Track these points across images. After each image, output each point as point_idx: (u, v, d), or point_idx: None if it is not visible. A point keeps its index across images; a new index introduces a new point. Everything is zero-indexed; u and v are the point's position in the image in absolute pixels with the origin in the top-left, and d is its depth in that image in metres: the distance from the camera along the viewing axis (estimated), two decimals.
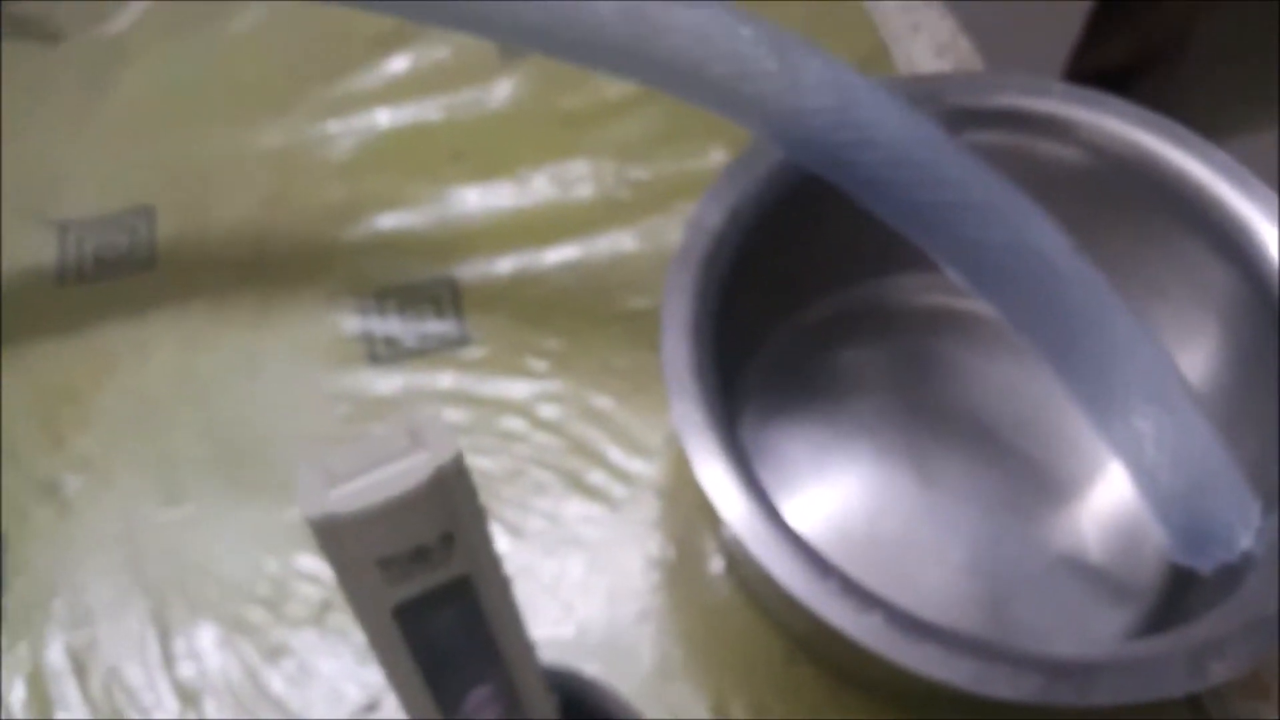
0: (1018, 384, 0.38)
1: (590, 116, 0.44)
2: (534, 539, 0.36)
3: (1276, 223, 0.33)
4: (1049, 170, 0.36)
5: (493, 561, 0.23)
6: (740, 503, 0.28)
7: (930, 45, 0.47)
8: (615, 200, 0.43)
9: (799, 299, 0.39)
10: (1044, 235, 0.31)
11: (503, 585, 0.23)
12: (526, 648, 0.23)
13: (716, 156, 0.43)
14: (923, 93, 0.35)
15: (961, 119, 0.35)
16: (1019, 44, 0.95)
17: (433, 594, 0.21)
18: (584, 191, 0.43)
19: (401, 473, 0.19)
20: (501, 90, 0.45)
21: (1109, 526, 0.36)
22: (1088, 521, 0.36)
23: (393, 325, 0.40)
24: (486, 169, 0.43)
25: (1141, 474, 0.32)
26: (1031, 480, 0.37)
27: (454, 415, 0.38)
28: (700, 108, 0.32)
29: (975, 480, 0.37)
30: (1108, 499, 0.37)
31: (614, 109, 0.44)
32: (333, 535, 0.19)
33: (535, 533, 0.36)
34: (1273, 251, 0.33)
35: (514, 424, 0.37)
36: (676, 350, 0.30)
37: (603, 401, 0.38)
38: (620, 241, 0.41)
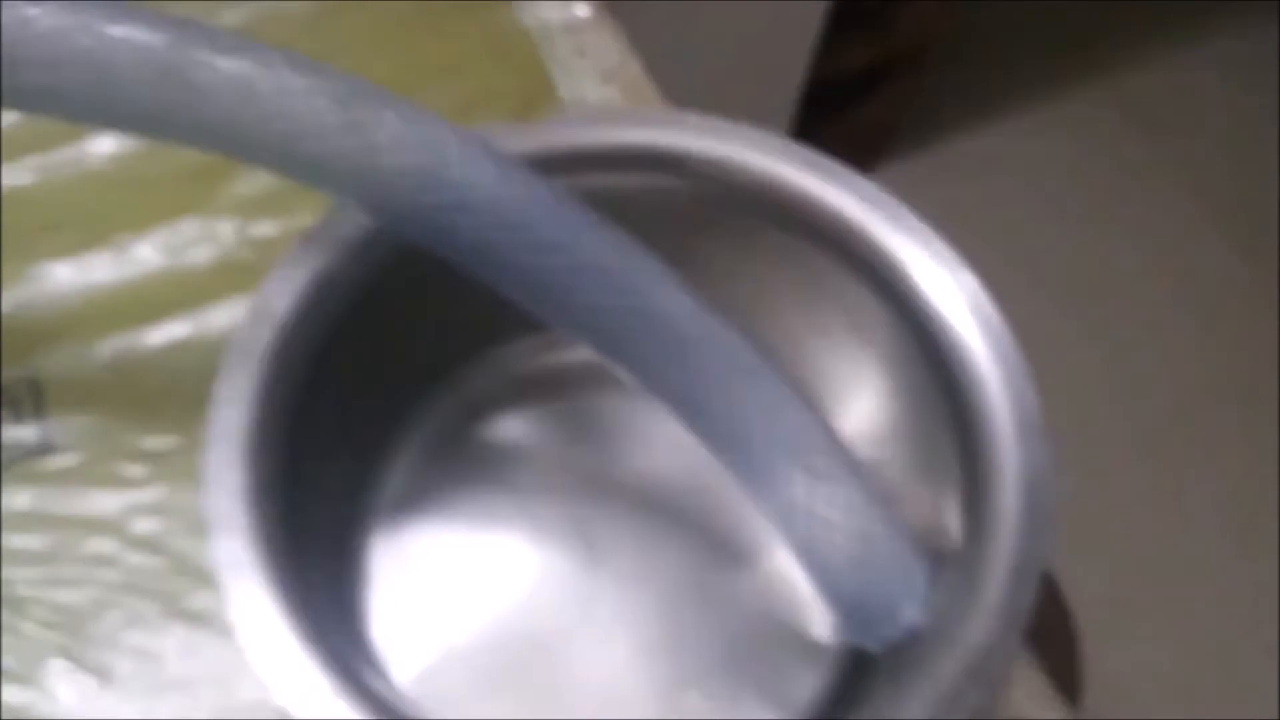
0: (691, 443, 0.35)
1: (207, 171, 0.39)
2: (125, 682, 0.30)
3: (925, 256, 0.30)
4: (691, 213, 0.32)
5: None
6: (288, 659, 0.23)
7: (596, 71, 0.44)
8: (236, 264, 0.38)
9: (437, 373, 0.34)
10: (666, 296, 0.28)
11: None
12: None
13: None
14: (537, 138, 0.31)
15: (585, 162, 0.31)
16: (750, 53, 0.94)
17: None
18: (199, 256, 0.38)
19: None
20: (103, 146, 0.39)
21: (795, 585, 0.33)
22: (772, 583, 0.33)
23: None
24: (83, 240, 0.38)
25: (797, 547, 0.29)
26: (709, 548, 0.34)
27: (29, 542, 0.32)
28: (274, 174, 0.28)
29: (647, 555, 0.33)
30: (790, 559, 0.34)
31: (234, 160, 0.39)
32: None
33: (127, 675, 0.30)
34: (924, 288, 0.30)
35: (103, 545, 0.32)
36: (221, 476, 0.25)
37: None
38: (240, 311, 0.36)
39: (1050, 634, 0.96)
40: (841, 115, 1.17)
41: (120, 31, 0.25)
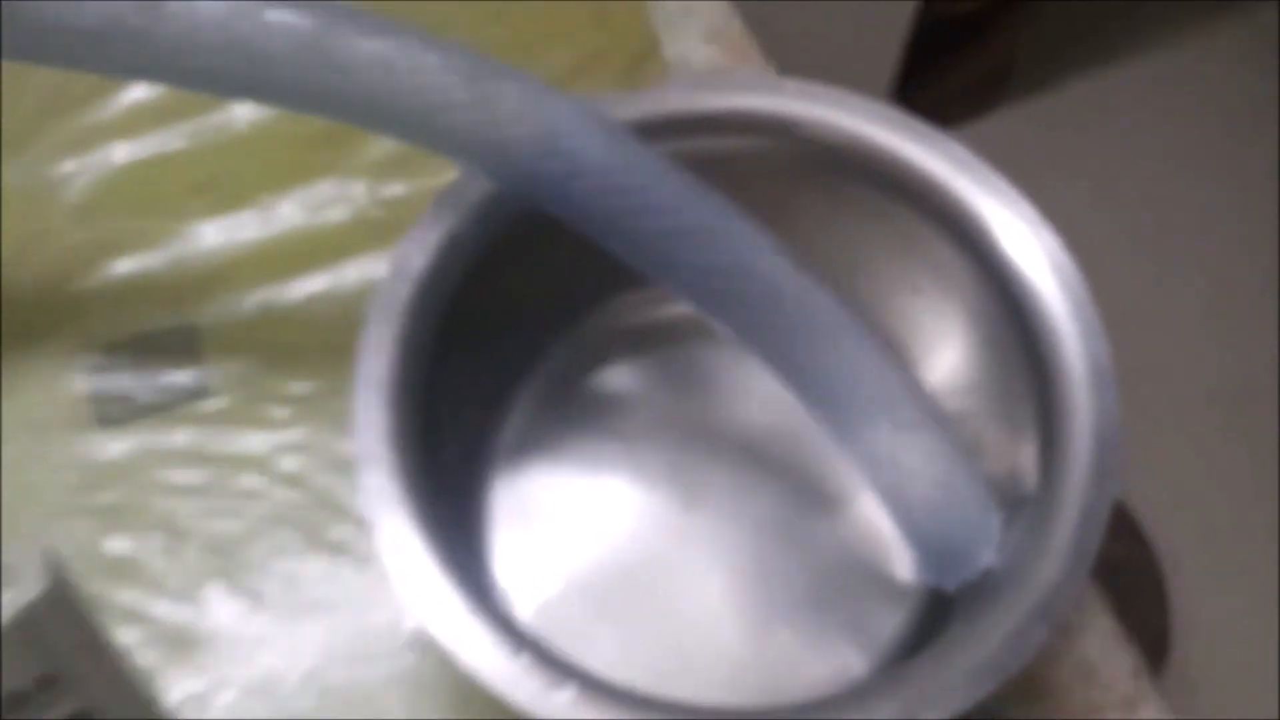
0: (785, 394, 0.37)
1: (341, 134, 0.42)
2: (273, 605, 0.34)
3: (1009, 216, 0.32)
4: (788, 173, 0.34)
5: (120, 691, 0.21)
6: (427, 585, 0.26)
7: (701, 30, 0.46)
8: (369, 221, 0.40)
9: (554, 325, 0.37)
10: (763, 256, 0.30)
11: (142, 707, 0.21)
12: None
13: None
14: (645, 106, 0.33)
15: (688, 127, 0.34)
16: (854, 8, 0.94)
17: None
18: (335, 215, 0.41)
19: None
20: (245, 113, 0.42)
21: (879, 530, 0.35)
22: (858, 527, 0.35)
23: (125, 380, 0.37)
24: (231, 200, 0.41)
25: (882, 493, 0.31)
26: (799, 493, 0.36)
27: (189, 477, 0.36)
28: (404, 143, 0.30)
29: (743, 498, 0.36)
30: (875, 505, 0.36)
31: None
32: None
33: (274, 598, 0.34)
34: (1006, 246, 0.32)
35: (253, 481, 0.35)
36: (369, 419, 0.28)
37: (349, 447, 0.36)
38: (375, 267, 0.39)
39: (1140, 588, 0.96)
40: (956, 56, 1.16)
41: (274, 17, 0.28)
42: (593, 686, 0.25)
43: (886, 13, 0.99)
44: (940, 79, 1.11)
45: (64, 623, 0.19)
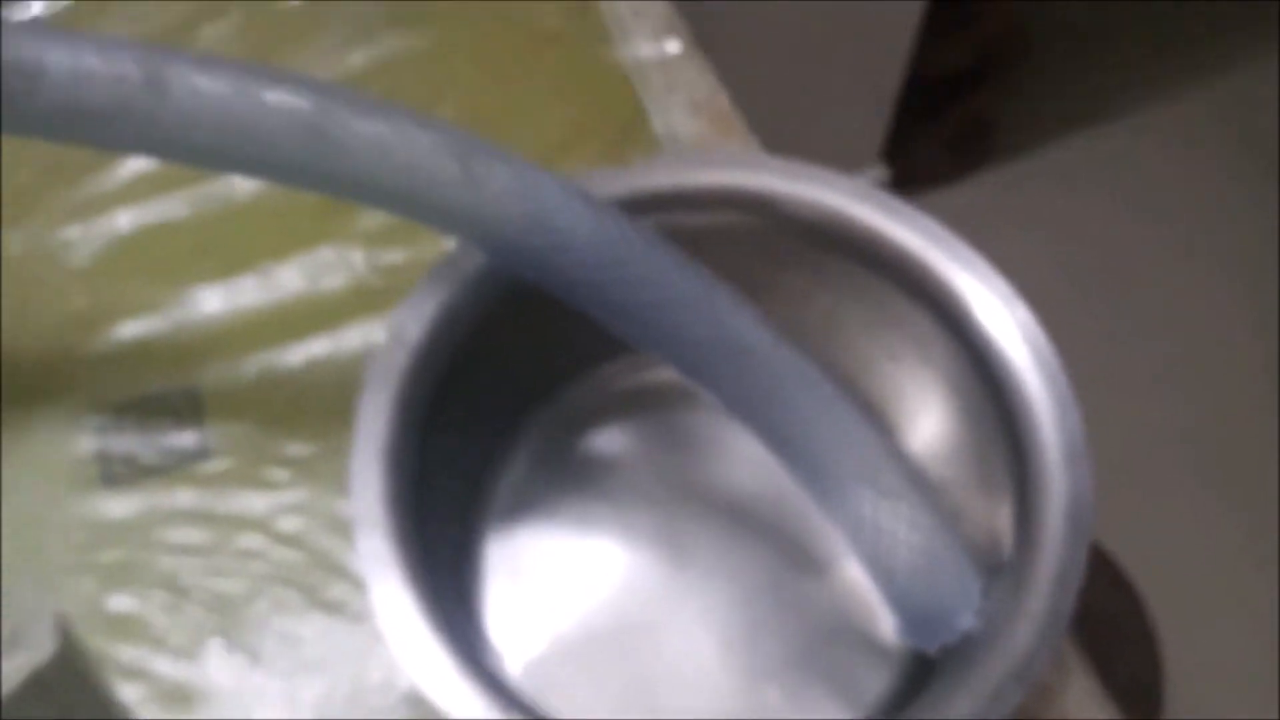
0: (772, 459, 0.38)
1: (340, 204, 0.42)
2: (272, 662, 0.35)
3: (984, 290, 0.33)
4: (769, 247, 0.36)
5: None
6: (420, 645, 0.27)
7: (687, 103, 0.47)
8: (367, 288, 0.42)
9: (545, 390, 0.38)
10: (746, 327, 0.31)
11: None
12: None
13: None
14: (630, 182, 0.35)
15: (671, 203, 0.35)
16: (846, 60, 0.96)
17: None
18: (333, 281, 0.42)
19: None
20: (247, 183, 0.44)
21: (864, 592, 0.36)
22: (844, 589, 0.36)
23: (130, 441, 0.38)
24: (232, 265, 0.42)
25: (865, 558, 0.32)
26: (787, 555, 0.37)
27: (191, 536, 0.37)
28: (401, 218, 0.32)
29: (730, 559, 0.37)
30: (860, 568, 0.37)
31: None
32: None
33: (273, 655, 0.35)
34: (981, 319, 0.33)
35: (253, 541, 0.36)
36: (367, 482, 0.29)
37: (347, 507, 0.37)
38: (372, 332, 0.41)
39: (1129, 641, 0.97)
40: (940, 117, 1.17)
41: (274, 98, 0.29)
42: None
43: (876, 76, 1.01)
44: (922, 141, 1.13)
45: (72, 683, 0.20)
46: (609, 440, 0.39)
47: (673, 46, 0.49)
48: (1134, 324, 1.15)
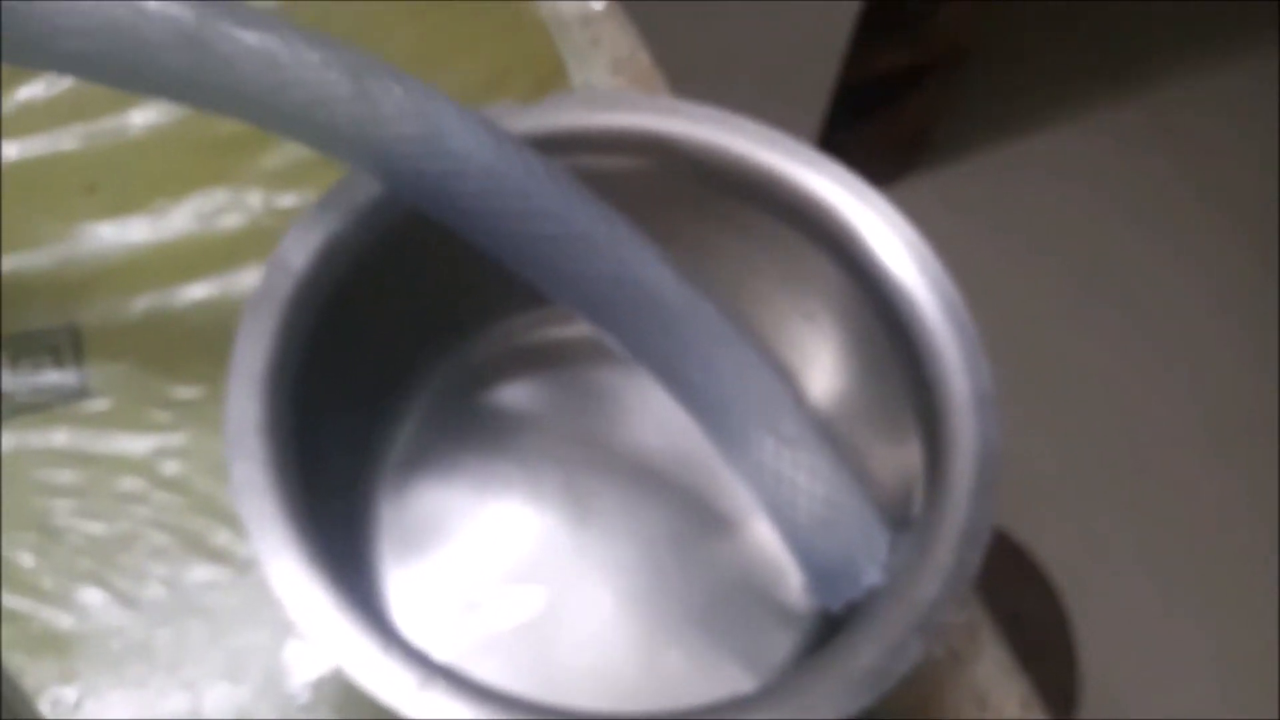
0: (681, 417, 0.37)
1: (238, 143, 0.41)
2: (150, 609, 0.33)
3: (893, 236, 0.32)
4: (676, 193, 0.34)
5: None
6: (295, 576, 0.26)
7: (608, 60, 0.46)
8: (262, 230, 0.40)
9: (447, 340, 0.37)
10: (649, 267, 0.30)
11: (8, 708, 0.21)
12: None
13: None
14: (536, 119, 0.33)
15: (579, 144, 0.34)
16: (777, 58, 0.95)
17: None
18: (228, 223, 0.40)
19: None
20: (142, 117, 0.42)
21: (772, 553, 0.35)
22: (751, 550, 0.35)
23: (5, 378, 0.36)
24: (122, 203, 0.40)
25: (769, 508, 0.31)
26: (693, 514, 0.36)
27: (68, 477, 0.35)
28: (287, 139, 0.30)
29: (634, 517, 0.36)
30: (769, 528, 0.36)
31: (264, 135, 0.42)
32: None
33: (152, 602, 0.33)
34: (888, 265, 0.32)
35: (132, 484, 0.35)
36: (243, 408, 0.28)
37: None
38: None
39: (1048, 644, 0.97)
40: (876, 118, 1.17)
41: (154, 6, 0.28)
42: (462, 684, 0.25)
43: (810, 74, 1.00)
44: (856, 143, 1.13)
45: None
46: (513, 395, 0.38)
47: (596, 4, 0.48)
48: (1068, 318, 1.16)
